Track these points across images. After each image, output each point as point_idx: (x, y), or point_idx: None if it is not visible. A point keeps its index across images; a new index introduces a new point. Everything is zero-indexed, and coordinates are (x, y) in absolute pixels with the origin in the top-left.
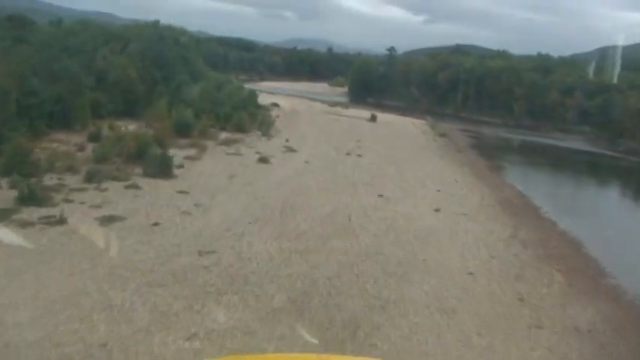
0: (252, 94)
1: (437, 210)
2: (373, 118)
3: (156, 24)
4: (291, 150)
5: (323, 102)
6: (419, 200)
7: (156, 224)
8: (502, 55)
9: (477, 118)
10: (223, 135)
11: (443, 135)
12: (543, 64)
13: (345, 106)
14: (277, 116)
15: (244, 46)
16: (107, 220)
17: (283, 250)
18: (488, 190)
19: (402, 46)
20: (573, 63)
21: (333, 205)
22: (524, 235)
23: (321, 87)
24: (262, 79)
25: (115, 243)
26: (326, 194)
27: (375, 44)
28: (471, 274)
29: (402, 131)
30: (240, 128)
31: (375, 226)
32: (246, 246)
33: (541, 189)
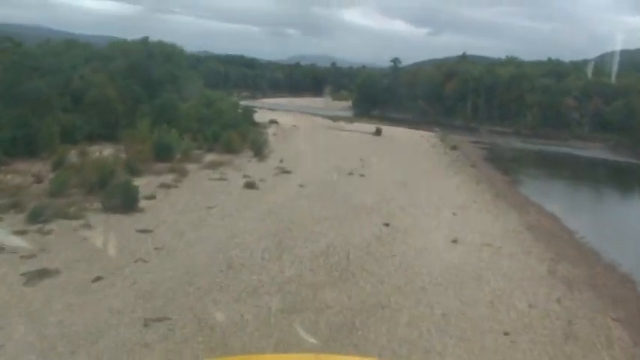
0: (248, 112)
1: (454, 241)
2: (378, 132)
3: (145, 40)
4: (284, 172)
5: (326, 117)
6: (432, 228)
7: (98, 279)
8: (512, 61)
9: (488, 128)
10: (210, 157)
11: (454, 148)
12: (555, 70)
13: (348, 120)
14: (274, 134)
15: (246, 63)
16: (36, 276)
17: (260, 311)
18: (512, 211)
19: (408, 58)
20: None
21: (330, 239)
22: (564, 271)
23: (324, 102)
24: (264, 96)
25: (33, 311)
26: (322, 225)
27: (379, 58)
28: (507, 334)
29: (410, 145)
30: (230, 149)
31: (379, 266)
32: (210, 306)
33: (571, 208)
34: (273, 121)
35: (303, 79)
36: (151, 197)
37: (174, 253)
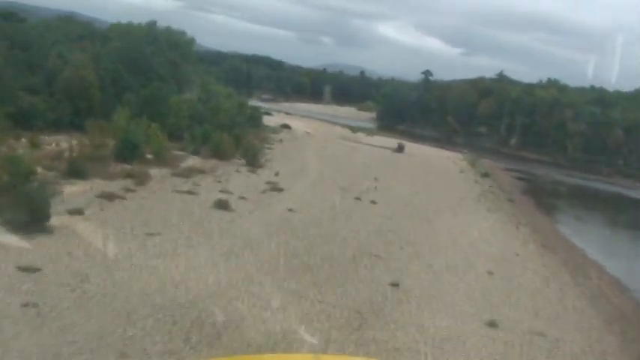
0: (256, 113)
1: (492, 324)
2: (400, 149)
3: (151, 24)
4: (276, 189)
5: (346, 126)
6: (461, 297)
7: None
8: (553, 84)
9: (522, 155)
10: (190, 161)
11: (486, 175)
12: (600, 98)
13: (370, 132)
14: (281, 140)
15: (272, 65)
16: None
17: None
18: (565, 272)
19: (439, 77)
20: (637, 97)
21: (302, 312)
22: None
23: (347, 111)
24: (287, 100)
25: None
26: (298, 281)
27: (410, 74)
28: None
29: (435, 167)
30: (219, 153)
31: None
32: None
33: None
34: (285, 126)
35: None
36: (78, 212)
37: (46, 320)
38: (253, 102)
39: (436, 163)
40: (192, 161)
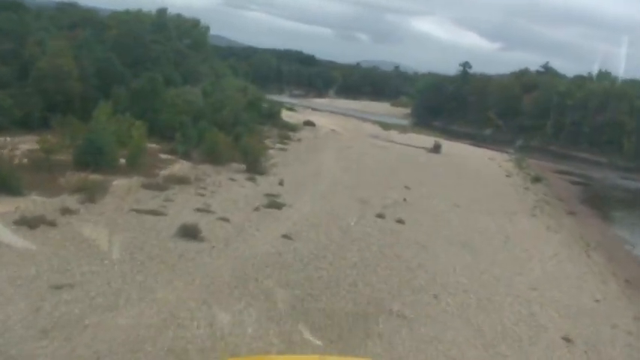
0: (274, 108)
1: None
2: (436, 149)
3: (161, 12)
4: (274, 204)
5: (377, 123)
6: None
7: None
8: (605, 76)
9: (572, 154)
10: (176, 167)
11: (537, 180)
12: None
13: (403, 129)
14: (298, 139)
15: (303, 60)
16: None
17: None
18: None
19: (477, 71)
20: None
21: None
22: None
23: (381, 107)
24: (320, 96)
25: None
26: None
27: (446, 69)
28: None
29: (477, 171)
30: (214, 156)
31: None
32: None
33: None
34: (308, 123)
35: (363, 81)
36: None
37: None
38: (283, 98)
39: (478, 166)
40: (179, 167)
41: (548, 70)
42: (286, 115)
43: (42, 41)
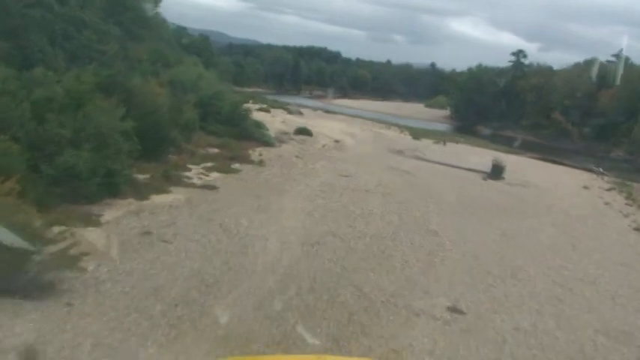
0: (237, 109)
1: None
2: (497, 172)
3: None
4: None
5: (407, 129)
6: None
7: None
8: None
9: None
10: None
11: None
12: None
13: (440, 137)
14: (260, 162)
15: (327, 57)
16: None
17: None
18: None
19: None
20: None
21: None
22: None
23: (414, 108)
24: (345, 96)
25: None
26: None
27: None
28: None
29: (571, 213)
30: None
31: None
32: None
33: None
34: (302, 131)
35: (393, 80)
36: None
37: None
38: (298, 99)
39: (567, 202)
40: None
41: (621, 59)
42: (281, 121)
43: None
